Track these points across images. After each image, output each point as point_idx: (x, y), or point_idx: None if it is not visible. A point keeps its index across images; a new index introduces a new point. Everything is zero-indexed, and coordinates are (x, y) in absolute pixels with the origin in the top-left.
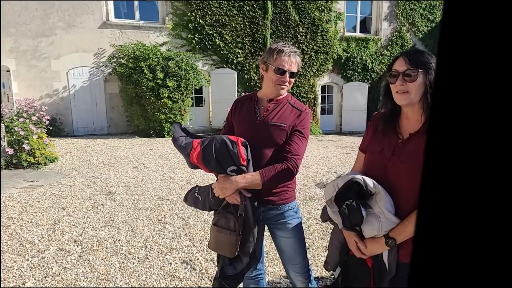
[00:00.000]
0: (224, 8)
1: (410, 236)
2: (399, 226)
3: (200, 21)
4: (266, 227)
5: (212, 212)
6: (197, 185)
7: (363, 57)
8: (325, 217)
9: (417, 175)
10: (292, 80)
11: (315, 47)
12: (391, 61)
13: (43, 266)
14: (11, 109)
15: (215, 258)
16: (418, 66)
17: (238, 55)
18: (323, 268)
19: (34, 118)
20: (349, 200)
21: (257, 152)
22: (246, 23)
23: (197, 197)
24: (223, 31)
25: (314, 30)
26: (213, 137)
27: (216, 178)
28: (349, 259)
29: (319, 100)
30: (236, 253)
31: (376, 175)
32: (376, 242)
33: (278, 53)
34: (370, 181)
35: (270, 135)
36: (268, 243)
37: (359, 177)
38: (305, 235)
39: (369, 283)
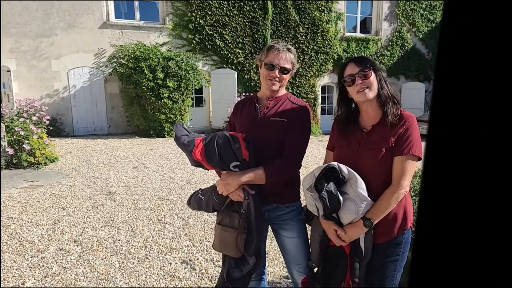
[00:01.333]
0: (224, 9)
1: (384, 215)
2: (374, 206)
3: (201, 21)
4: (268, 227)
5: (213, 213)
6: (200, 188)
7: None
8: (306, 218)
9: (383, 159)
10: (285, 76)
11: (315, 47)
12: (340, 70)
13: (43, 266)
14: (12, 109)
15: (215, 258)
16: (367, 65)
17: (238, 55)
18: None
19: (34, 118)
20: (327, 186)
21: (259, 149)
22: (247, 23)
23: (201, 198)
24: (224, 31)
25: (314, 30)
26: (215, 133)
27: (218, 178)
28: (329, 250)
29: (319, 100)
30: (241, 253)
31: (346, 166)
32: (355, 226)
33: (268, 50)
34: (344, 167)
35: (271, 131)
36: (267, 243)
37: (334, 163)
38: None
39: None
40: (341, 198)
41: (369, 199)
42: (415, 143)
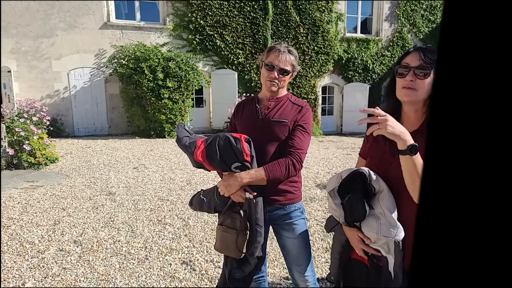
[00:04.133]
0: (224, 9)
1: None
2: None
3: (201, 21)
4: (269, 228)
5: (213, 214)
6: (201, 189)
7: (364, 58)
8: (329, 226)
9: None
10: (285, 78)
11: (315, 47)
12: (402, 54)
13: (43, 266)
14: (12, 110)
15: (215, 259)
16: (432, 64)
17: (239, 56)
18: (326, 275)
19: (34, 118)
20: (352, 192)
21: (260, 150)
22: (247, 24)
23: (202, 199)
24: (224, 32)
25: (315, 31)
26: (216, 134)
27: (220, 178)
28: (352, 263)
29: (320, 101)
30: (243, 255)
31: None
32: None
33: (269, 50)
34: (375, 176)
35: (272, 132)
36: (267, 244)
37: (365, 169)
38: None
39: None
40: (367, 208)
41: (395, 221)
42: None
